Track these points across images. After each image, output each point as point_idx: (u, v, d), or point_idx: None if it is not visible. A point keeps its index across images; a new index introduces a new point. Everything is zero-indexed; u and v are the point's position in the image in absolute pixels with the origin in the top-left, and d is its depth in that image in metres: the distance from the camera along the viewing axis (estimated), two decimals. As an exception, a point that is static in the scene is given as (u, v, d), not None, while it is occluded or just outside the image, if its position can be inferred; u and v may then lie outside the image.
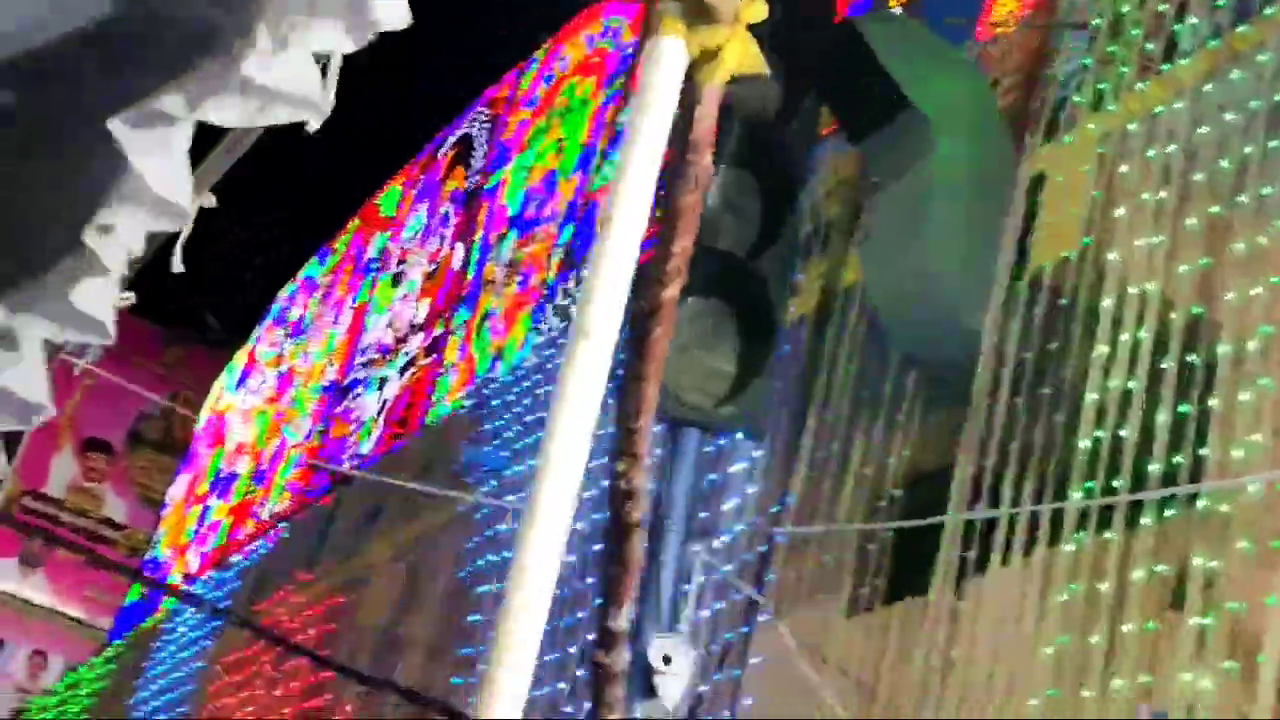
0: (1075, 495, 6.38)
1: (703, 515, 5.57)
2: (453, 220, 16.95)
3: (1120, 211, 6.80)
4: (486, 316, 15.14)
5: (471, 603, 10.29)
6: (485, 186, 16.47)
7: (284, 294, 20.97)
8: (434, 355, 15.86)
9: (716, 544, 5.04)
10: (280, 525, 16.62)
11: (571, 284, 13.28)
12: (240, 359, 21.71)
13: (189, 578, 19.35)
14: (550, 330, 13.05)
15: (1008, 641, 6.31)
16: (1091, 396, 6.51)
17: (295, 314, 20.35)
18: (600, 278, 2.28)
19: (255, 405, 20.21)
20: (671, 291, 2.49)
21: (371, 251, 18.77)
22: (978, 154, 7.16)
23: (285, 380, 19.57)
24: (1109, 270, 6.82)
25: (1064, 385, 6.75)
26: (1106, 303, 6.66)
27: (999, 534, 6.60)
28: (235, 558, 17.86)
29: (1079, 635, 6.05)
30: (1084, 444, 6.42)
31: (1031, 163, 7.38)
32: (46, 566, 25.09)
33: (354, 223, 19.75)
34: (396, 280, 17.63)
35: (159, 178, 3.05)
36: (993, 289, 7.17)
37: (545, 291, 14.04)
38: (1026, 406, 6.81)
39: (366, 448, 16.23)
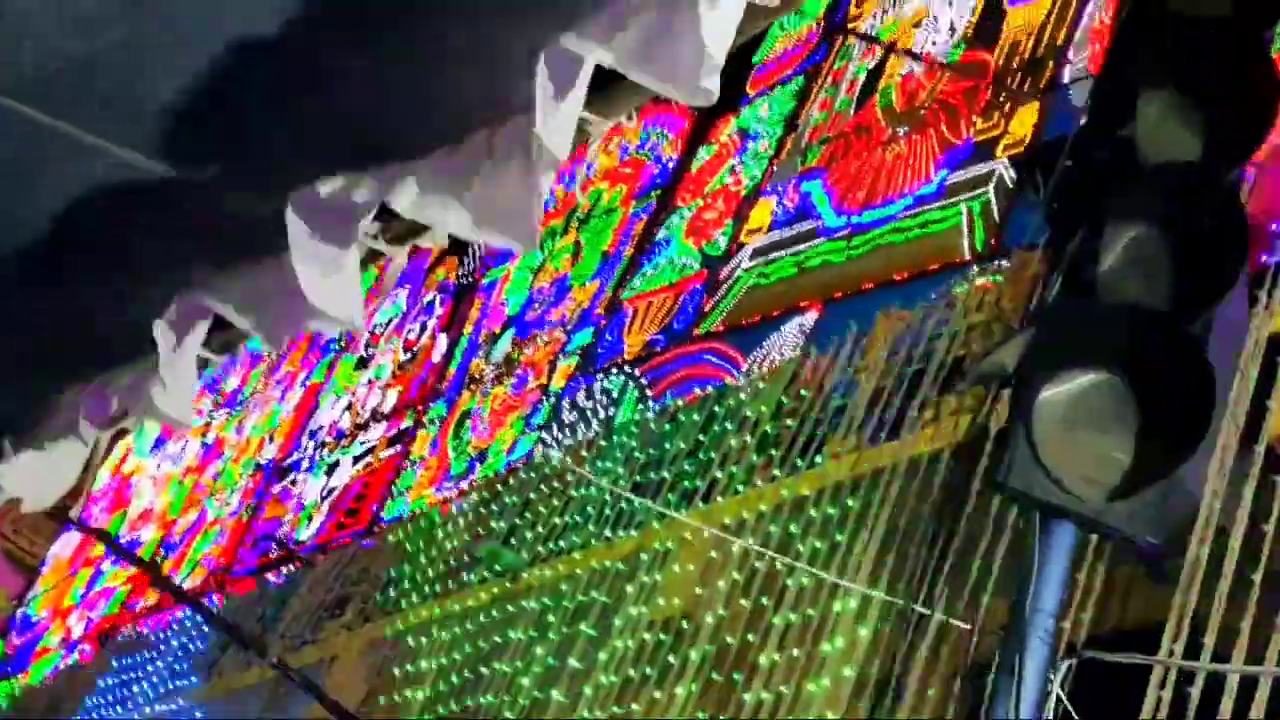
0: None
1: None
2: (438, 310, 15.96)
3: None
4: (468, 415, 14.14)
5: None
6: (482, 281, 15.54)
7: (218, 361, 19.73)
8: (398, 446, 14.79)
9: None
10: (206, 600, 15.31)
11: (596, 388, 12.33)
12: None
13: (68, 642, 17.93)
14: (569, 433, 12.04)
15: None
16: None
17: (231, 384, 19.16)
18: None
19: (171, 473, 18.94)
20: None
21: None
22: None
23: (212, 451, 18.34)
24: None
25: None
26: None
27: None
28: (130, 629, 16.49)
29: None
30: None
31: (1270, 318, 6.60)
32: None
33: (313, 300, 18.66)
34: (362, 364, 16.57)
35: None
36: (1215, 453, 6.30)
37: (545, 396, 13.10)
38: (1266, 584, 5.95)
39: (305, 533, 15.06)
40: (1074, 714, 3.88)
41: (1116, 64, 4.39)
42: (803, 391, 8.92)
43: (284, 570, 13.79)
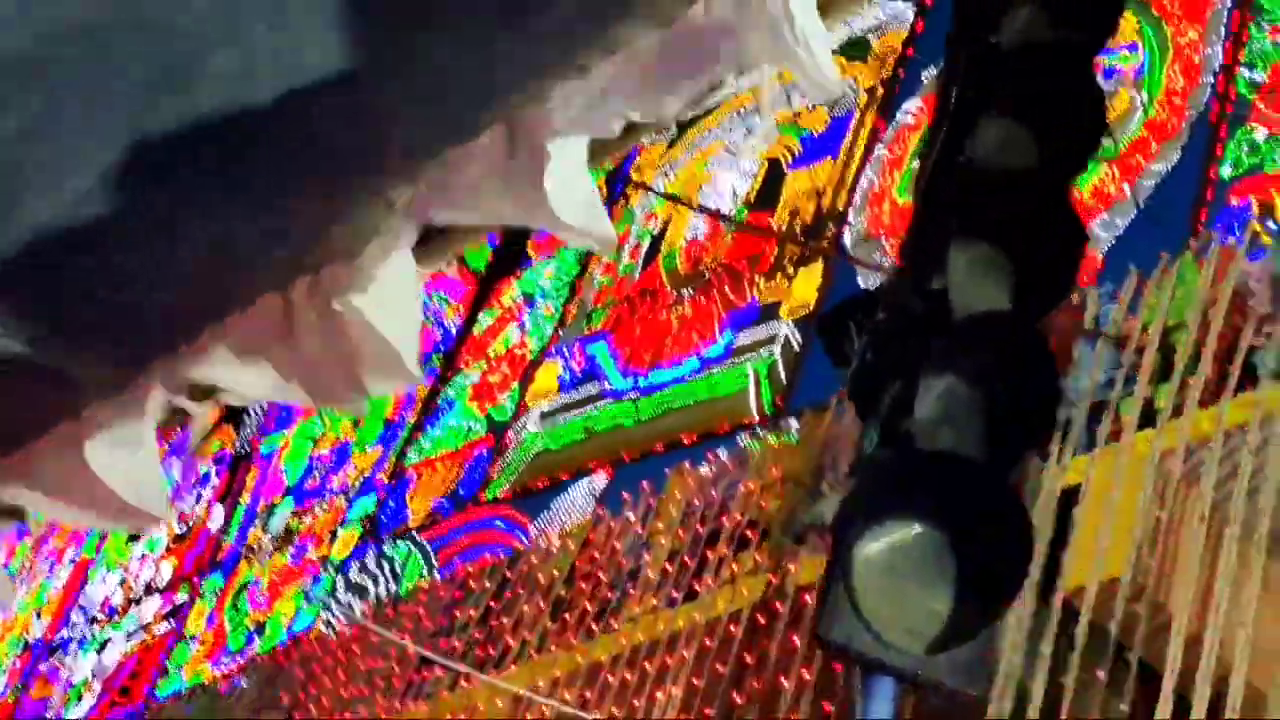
0: None
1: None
2: (213, 481, 15.58)
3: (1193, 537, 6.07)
4: (245, 586, 13.77)
5: None
6: (259, 450, 15.21)
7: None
8: (173, 622, 14.33)
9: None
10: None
11: (370, 559, 12.09)
12: (-84, 601, 19.57)
13: None
14: (343, 607, 11.76)
15: None
16: (1158, 737, 5.67)
17: (-3, 560, 18.46)
18: None
19: (-70, 653, 18.14)
20: None
21: (105, 503, 17.16)
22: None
23: (-26, 630, 17.62)
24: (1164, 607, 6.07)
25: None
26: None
27: None
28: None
29: None
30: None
31: (1063, 472, 6.66)
32: None
33: (83, 471, 18.12)
34: (135, 537, 16.06)
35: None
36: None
37: (326, 566, 12.81)
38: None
39: (74, 713, 14.48)
40: None
41: (925, 216, 4.39)
42: (596, 554, 8.81)
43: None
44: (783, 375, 10.41)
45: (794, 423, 9.15)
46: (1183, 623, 5.94)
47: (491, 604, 9.15)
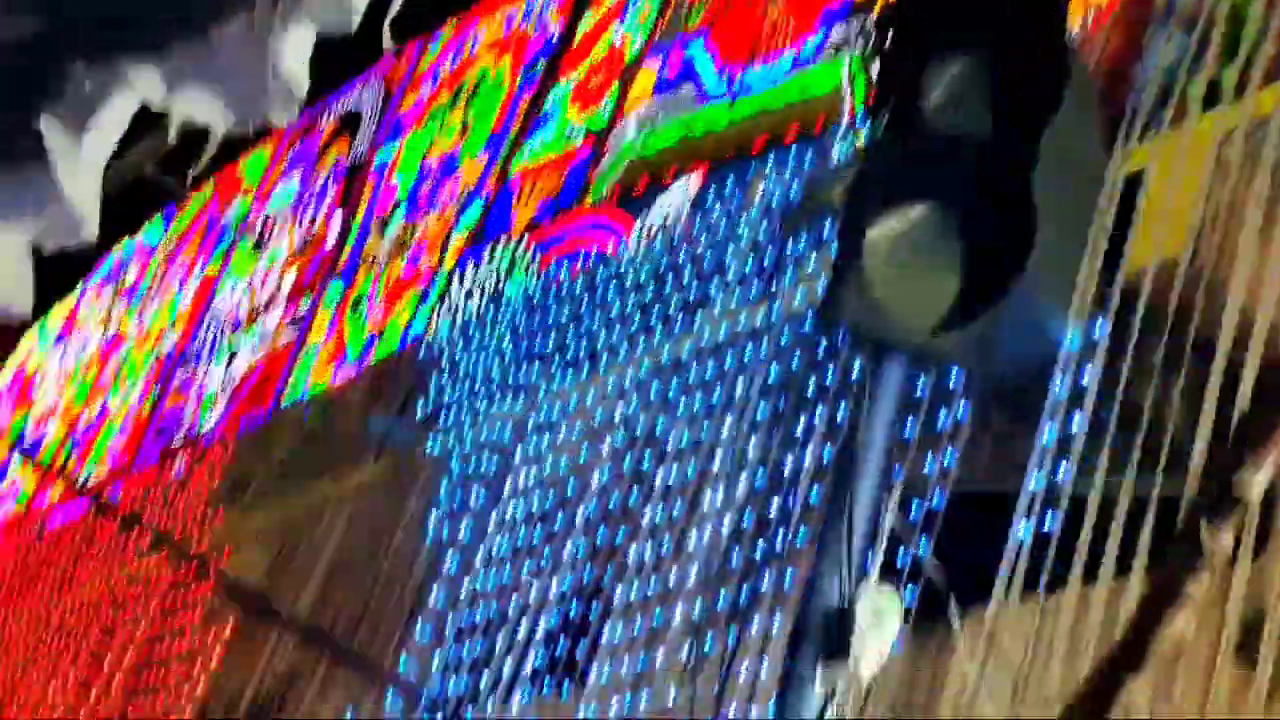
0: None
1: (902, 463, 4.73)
2: (331, 192, 15.85)
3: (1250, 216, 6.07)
4: (363, 295, 14.10)
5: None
6: (373, 162, 15.43)
7: (118, 252, 19.54)
8: (296, 331, 14.73)
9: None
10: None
11: (484, 261, 12.32)
12: (58, 316, 20.23)
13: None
14: (455, 312, 12.05)
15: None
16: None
17: (131, 277, 18.99)
18: None
19: (73, 367, 18.81)
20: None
21: (229, 217, 17.55)
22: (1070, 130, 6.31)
23: (112, 344, 18.21)
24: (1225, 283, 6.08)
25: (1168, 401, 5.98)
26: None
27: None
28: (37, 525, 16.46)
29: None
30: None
31: (1128, 158, 6.64)
32: None
33: (208, 186, 18.49)
34: (258, 249, 16.46)
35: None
36: (1077, 290, 6.36)
37: (437, 273, 13.08)
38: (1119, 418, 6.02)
39: (206, 421, 15.02)
40: (919, 557, 3.95)
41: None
42: (682, 255, 8.97)
43: (184, 458, 13.78)
44: (874, 72, 10.33)
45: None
46: (1238, 299, 5.97)
47: (584, 305, 9.37)
